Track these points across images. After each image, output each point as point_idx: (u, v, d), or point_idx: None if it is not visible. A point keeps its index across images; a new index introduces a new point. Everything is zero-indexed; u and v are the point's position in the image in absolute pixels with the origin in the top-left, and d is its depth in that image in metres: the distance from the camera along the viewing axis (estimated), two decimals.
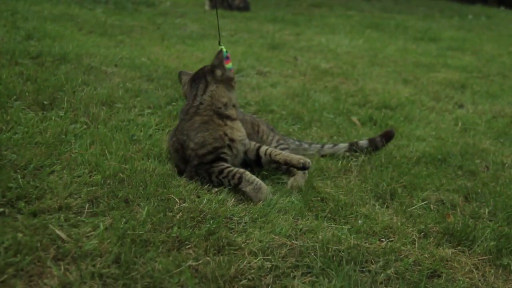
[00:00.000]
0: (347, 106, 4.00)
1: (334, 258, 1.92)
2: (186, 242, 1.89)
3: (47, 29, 4.83)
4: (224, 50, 2.60)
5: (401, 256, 2.00)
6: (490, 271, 1.99)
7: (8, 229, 1.76)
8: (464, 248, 2.13)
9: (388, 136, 3.07)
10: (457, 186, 2.72)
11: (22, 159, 2.22)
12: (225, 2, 9.76)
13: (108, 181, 2.18)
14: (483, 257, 2.06)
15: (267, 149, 2.55)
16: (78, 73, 3.59)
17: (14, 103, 2.81)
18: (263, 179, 2.55)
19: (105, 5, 7.86)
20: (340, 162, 2.84)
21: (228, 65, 2.61)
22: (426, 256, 2.02)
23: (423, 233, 2.21)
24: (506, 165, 3.08)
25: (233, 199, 2.25)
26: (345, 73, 5.16)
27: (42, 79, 3.26)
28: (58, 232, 1.80)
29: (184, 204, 2.12)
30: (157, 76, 4.01)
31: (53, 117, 2.73)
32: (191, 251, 1.85)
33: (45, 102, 2.92)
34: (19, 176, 2.09)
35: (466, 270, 1.97)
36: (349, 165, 2.84)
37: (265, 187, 2.33)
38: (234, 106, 2.56)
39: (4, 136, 2.39)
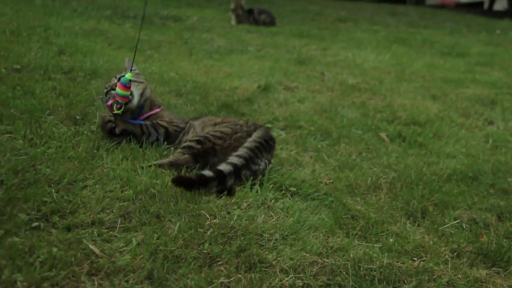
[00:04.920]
0: (375, 122, 3.98)
1: (366, 277, 1.90)
2: (217, 259, 1.89)
3: (79, 44, 4.92)
4: (129, 76, 2.69)
5: (434, 276, 1.97)
6: None
7: (43, 243, 1.78)
8: (499, 269, 2.09)
9: None
10: (489, 204, 2.67)
11: (56, 174, 2.26)
12: (251, 17, 9.82)
13: (140, 196, 2.20)
14: None
15: None
16: None
17: (48, 118, 2.86)
18: (293, 195, 2.54)
19: (134, 20, 7.98)
20: (370, 178, 2.82)
21: (126, 92, 2.70)
22: (460, 276, 1.98)
23: (456, 252, 2.17)
24: None
25: (263, 216, 2.25)
26: (373, 89, 5.13)
27: (74, 93, 3.32)
28: (91, 247, 1.82)
29: (214, 220, 2.12)
30: (185, 91, 4.05)
31: (85, 132, 2.78)
32: (222, 268, 1.85)
33: (77, 117, 2.97)
34: (53, 190, 2.12)
35: None
36: (379, 182, 2.82)
37: None
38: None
39: (39, 150, 2.44)
